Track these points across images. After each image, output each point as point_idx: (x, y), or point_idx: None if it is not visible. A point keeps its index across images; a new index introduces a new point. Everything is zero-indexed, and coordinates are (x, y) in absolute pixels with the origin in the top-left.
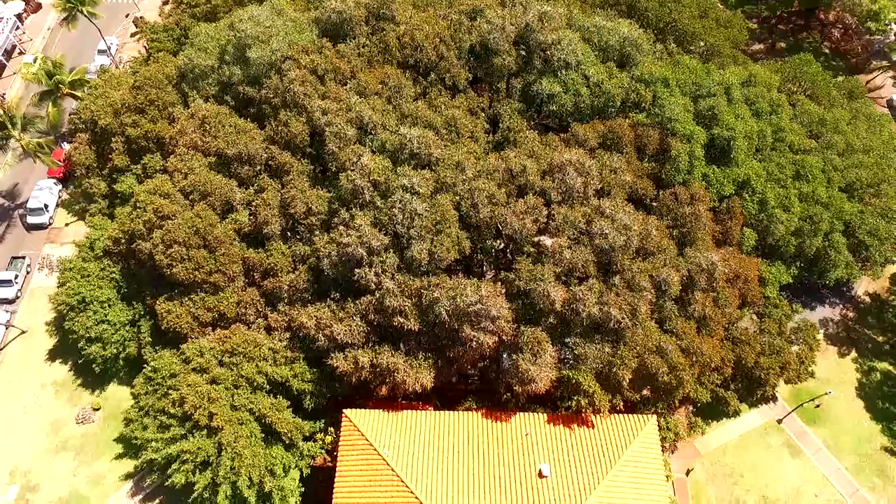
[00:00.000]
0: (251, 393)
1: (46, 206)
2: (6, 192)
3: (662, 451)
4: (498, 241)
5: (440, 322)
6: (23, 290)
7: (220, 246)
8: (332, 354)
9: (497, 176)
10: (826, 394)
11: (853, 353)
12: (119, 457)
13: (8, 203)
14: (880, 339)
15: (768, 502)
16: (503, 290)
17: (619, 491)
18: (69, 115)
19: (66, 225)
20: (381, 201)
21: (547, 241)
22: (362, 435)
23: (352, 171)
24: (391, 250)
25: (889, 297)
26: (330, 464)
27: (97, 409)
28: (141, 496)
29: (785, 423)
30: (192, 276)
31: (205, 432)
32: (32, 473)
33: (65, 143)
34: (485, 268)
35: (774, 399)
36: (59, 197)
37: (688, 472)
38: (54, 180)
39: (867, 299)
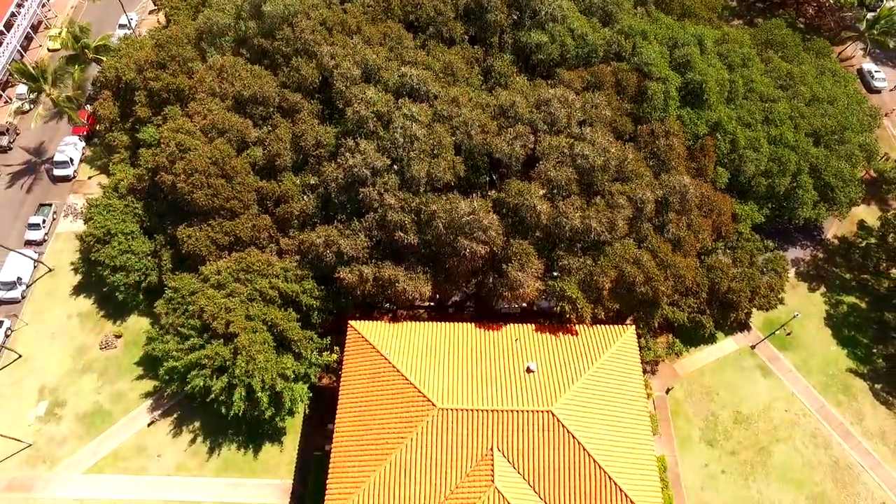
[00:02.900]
0: (264, 306)
1: (71, 159)
2: (33, 150)
3: (644, 373)
4: (489, 188)
5: (437, 234)
6: (49, 234)
7: (237, 175)
8: (339, 268)
9: (489, 111)
10: (794, 316)
11: (822, 289)
12: (139, 378)
13: (35, 159)
14: (847, 276)
15: (742, 416)
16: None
17: (599, 383)
18: (93, 80)
19: (89, 178)
20: (383, 132)
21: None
22: (366, 341)
23: (357, 104)
24: (392, 172)
25: (856, 240)
26: (335, 384)
27: (119, 337)
28: (160, 411)
29: (758, 349)
30: (210, 202)
31: (221, 341)
32: (60, 391)
33: (89, 105)
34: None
35: (749, 328)
36: (83, 153)
37: (667, 391)
38: (78, 137)
39: (836, 242)
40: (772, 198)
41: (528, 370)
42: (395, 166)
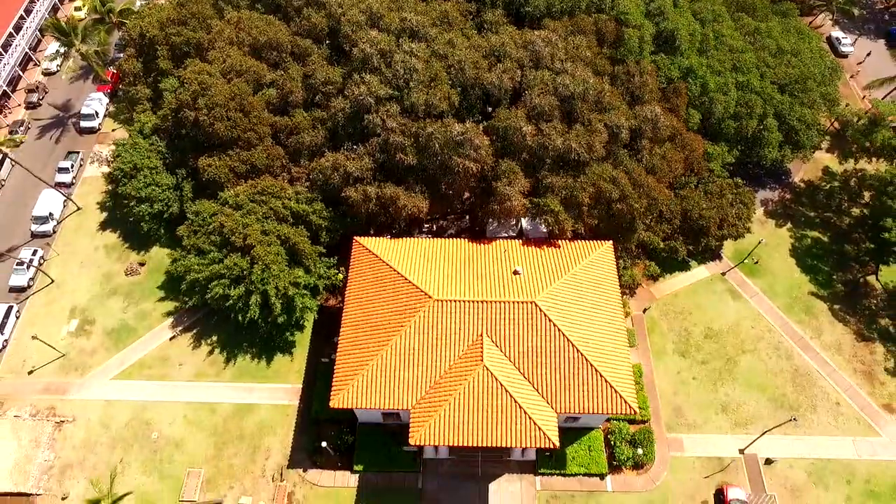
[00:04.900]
0: (278, 223)
1: (97, 112)
2: (61, 105)
3: (622, 294)
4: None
5: (433, 154)
6: (77, 178)
7: (254, 111)
8: (346, 188)
9: (481, 51)
10: (759, 242)
11: (788, 224)
12: (161, 300)
13: (63, 114)
14: (812, 214)
15: (712, 332)
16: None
17: (579, 283)
18: (117, 40)
19: (113, 130)
20: (386, 69)
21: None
22: (370, 251)
23: (362, 43)
24: (394, 101)
25: (821, 183)
26: (340, 305)
27: (143, 264)
28: (181, 327)
29: (728, 276)
30: (230, 132)
31: (239, 254)
32: (89, 311)
33: (111, 66)
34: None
35: (720, 258)
36: (107, 108)
37: (644, 310)
38: (103, 94)
39: (802, 185)
40: (740, 140)
41: (515, 273)
42: (396, 101)
